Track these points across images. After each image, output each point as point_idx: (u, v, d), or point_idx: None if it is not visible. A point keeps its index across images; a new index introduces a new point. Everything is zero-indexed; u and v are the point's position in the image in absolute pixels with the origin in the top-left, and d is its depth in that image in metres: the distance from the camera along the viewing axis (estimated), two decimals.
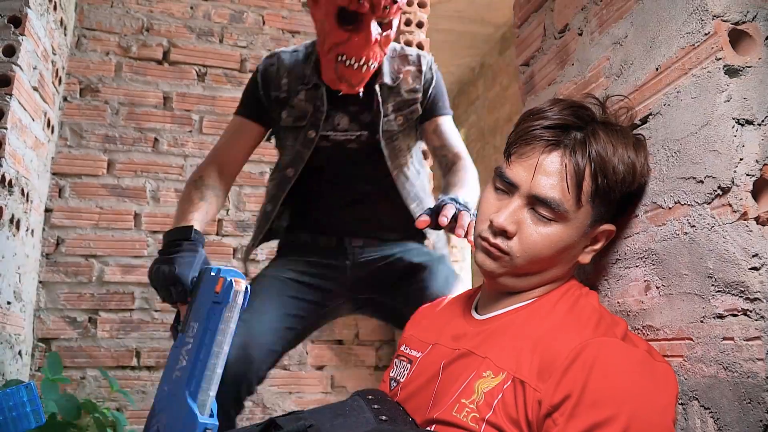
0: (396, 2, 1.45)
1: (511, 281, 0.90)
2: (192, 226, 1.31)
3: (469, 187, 1.47)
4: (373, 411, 0.87)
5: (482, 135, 5.86)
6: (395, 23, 1.52)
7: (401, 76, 1.61)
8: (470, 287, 1.19)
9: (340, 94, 1.55)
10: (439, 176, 1.68)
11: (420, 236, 1.69)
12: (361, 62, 1.46)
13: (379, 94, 1.58)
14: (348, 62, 1.46)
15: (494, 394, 0.77)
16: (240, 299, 1.05)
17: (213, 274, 1.06)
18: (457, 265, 6.31)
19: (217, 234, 2.69)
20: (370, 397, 0.91)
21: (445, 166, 1.62)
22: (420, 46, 2.93)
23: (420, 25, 2.97)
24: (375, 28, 1.44)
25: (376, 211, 1.64)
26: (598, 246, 0.91)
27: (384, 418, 0.85)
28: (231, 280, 1.04)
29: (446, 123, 1.66)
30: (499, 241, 0.87)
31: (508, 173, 0.88)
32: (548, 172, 0.84)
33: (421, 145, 1.76)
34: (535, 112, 0.89)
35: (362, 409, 0.89)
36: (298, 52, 1.66)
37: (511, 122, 5.18)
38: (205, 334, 1.01)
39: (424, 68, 1.64)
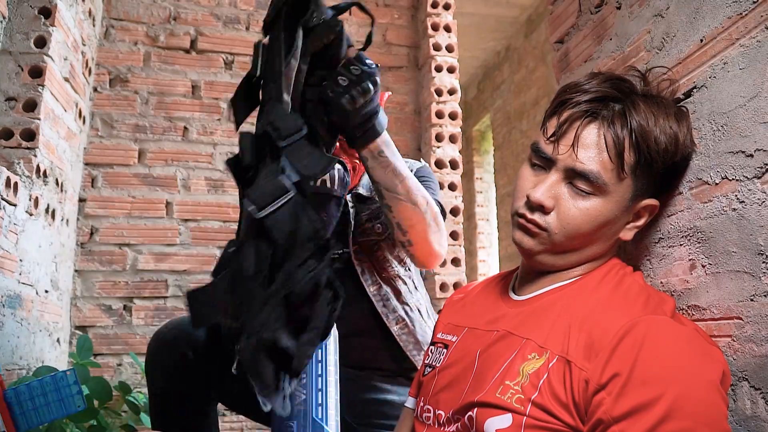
0: None
1: (549, 259, 0.88)
2: None
3: (413, 178, 1.19)
4: None
5: (508, 119, 5.79)
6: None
7: None
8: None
9: None
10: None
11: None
12: None
13: (350, 203, 1.43)
14: None
15: (539, 375, 0.75)
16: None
17: None
18: (484, 252, 6.28)
19: None
20: None
21: None
22: (447, 29, 2.89)
23: (447, 6, 2.92)
24: None
25: (363, 348, 1.42)
26: (641, 222, 0.88)
27: None
28: None
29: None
30: (537, 217, 0.85)
31: (544, 148, 0.86)
32: (586, 144, 0.82)
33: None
34: (573, 85, 0.87)
35: None
36: None
37: (538, 106, 5.11)
38: (317, 366, 1.06)
39: None
